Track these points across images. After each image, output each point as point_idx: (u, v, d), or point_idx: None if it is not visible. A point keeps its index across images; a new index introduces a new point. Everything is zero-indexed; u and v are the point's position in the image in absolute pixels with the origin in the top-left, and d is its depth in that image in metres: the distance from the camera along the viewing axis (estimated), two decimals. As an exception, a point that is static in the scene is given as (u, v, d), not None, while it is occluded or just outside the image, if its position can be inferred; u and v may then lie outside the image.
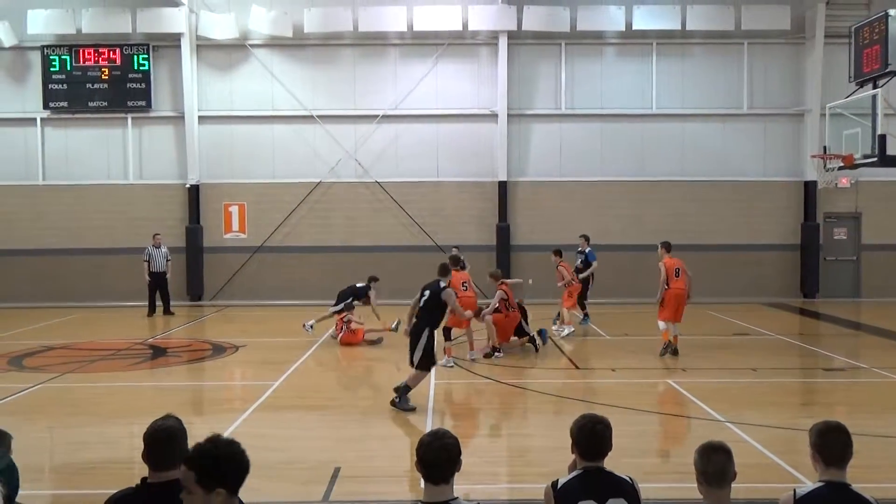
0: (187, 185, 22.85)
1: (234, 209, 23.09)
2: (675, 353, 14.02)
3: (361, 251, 22.77)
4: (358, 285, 16.92)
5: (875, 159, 15.17)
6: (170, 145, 23.13)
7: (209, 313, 21.15)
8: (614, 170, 23.07)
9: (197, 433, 10.29)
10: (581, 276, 17.74)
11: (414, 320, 10.58)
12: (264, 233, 22.91)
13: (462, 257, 16.24)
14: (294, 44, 22.75)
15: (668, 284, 14.46)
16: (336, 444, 8.89)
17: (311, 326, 16.41)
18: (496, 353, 14.07)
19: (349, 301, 16.30)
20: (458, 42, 22.86)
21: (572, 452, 4.10)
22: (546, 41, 22.89)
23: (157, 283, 20.58)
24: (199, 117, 22.87)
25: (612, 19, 22.50)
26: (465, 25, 22.42)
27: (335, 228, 23.05)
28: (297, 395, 11.34)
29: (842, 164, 16.13)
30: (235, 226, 23.11)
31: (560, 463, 4.68)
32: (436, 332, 10.61)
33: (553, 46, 22.99)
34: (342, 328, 15.88)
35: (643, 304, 20.91)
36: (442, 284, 10.66)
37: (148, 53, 22.67)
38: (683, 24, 22.45)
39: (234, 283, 22.96)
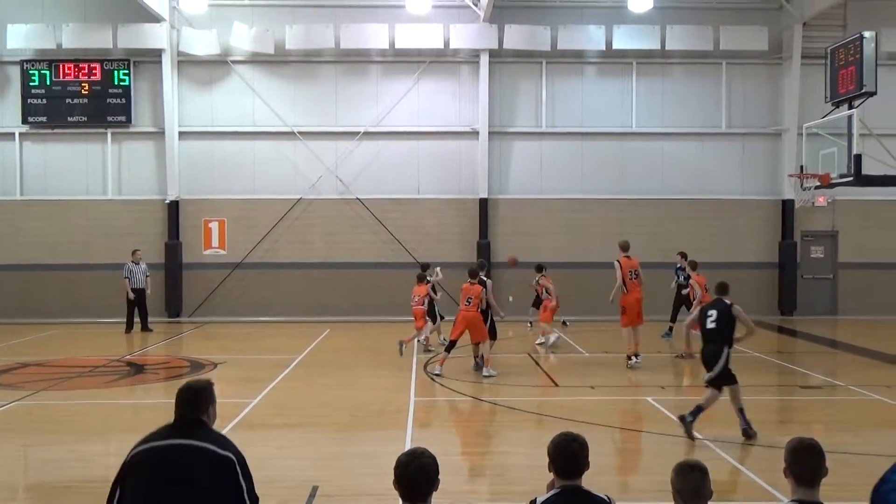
0: (167, 201, 22.74)
1: (214, 225, 23.01)
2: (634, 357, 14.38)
3: (342, 268, 22.76)
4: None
5: (851, 179, 15.37)
6: (150, 161, 23.04)
7: (188, 330, 21.01)
8: (594, 187, 23.20)
9: (174, 451, 10.03)
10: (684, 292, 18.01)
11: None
12: (244, 249, 22.83)
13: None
14: (276, 60, 22.78)
15: (625, 287, 14.60)
16: (314, 462, 8.84)
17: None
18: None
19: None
20: (439, 60, 22.98)
21: (549, 471, 4.10)
22: (527, 59, 23.05)
23: (137, 299, 20.42)
24: (180, 133, 22.81)
25: (592, 39, 22.71)
26: (446, 43, 22.54)
27: (315, 245, 23.01)
28: (276, 412, 11.27)
29: (818, 184, 16.33)
30: (215, 242, 23.01)
31: (539, 481, 4.68)
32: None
33: (534, 65, 23.16)
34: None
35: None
36: (728, 301, 10.06)
37: (128, 69, 22.61)
38: (663, 43, 22.70)
39: (214, 300, 22.83)
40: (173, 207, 22.76)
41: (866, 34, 15.47)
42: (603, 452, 9.18)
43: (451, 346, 14.15)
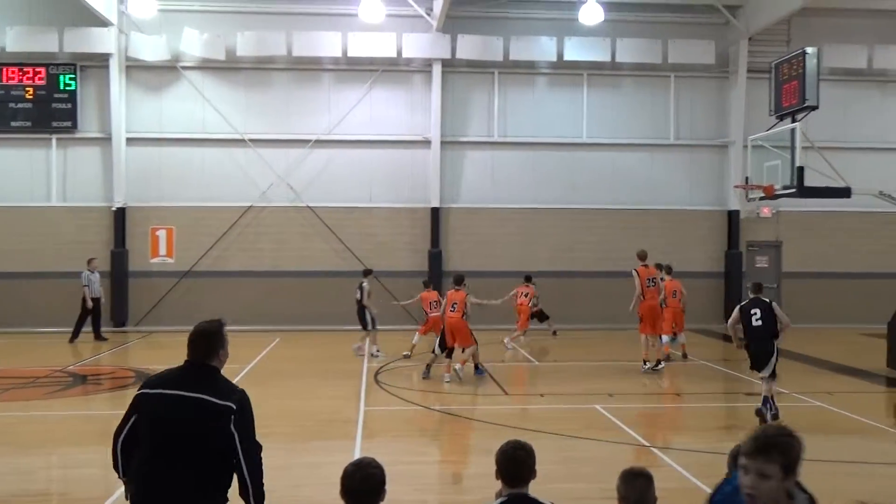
0: (113, 208, 22.34)
1: (162, 233, 22.66)
2: (666, 360, 15.24)
3: (292, 276, 22.59)
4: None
5: (794, 190, 15.70)
6: (96, 167, 22.62)
7: (133, 339, 20.64)
8: (546, 197, 23.38)
9: (117, 463, 9.82)
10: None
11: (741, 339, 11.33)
12: (192, 257, 22.52)
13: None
14: (227, 67, 22.57)
15: (643, 296, 14.85)
16: (266, 472, 8.71)
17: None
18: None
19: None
20: (392, 69, 22.98)
21: (496, 479, 4.11)
22: (480, 69, 23.18)
23: (94, 308, 20.07)
24: (127, 139, 22.44)
25: (544, 50, 22.93)
26: (399, 52, 22.56)
27: (265, 253, 22.79)
28: (224, 422, 11.09)
29: (763, 195, 16.65)
30: (163, 250, 22.66)
31: (488, 489, 4.68)
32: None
33: (486, 75, 23.29)
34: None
35: (575, 329, 21.19)
36: (767, 299, 11.22)
37: (75, 73, 22.19)
38: (613, 56, 23.01)
39: (161, 309, 22.46)
40: (120, 215, 22.37)
41: (809, 50, 15.85)
42: (550, 460, 9.23)
43: (449, 353, 14.36)
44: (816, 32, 22.84)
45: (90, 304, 19.98)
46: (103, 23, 21.62)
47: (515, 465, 4.06)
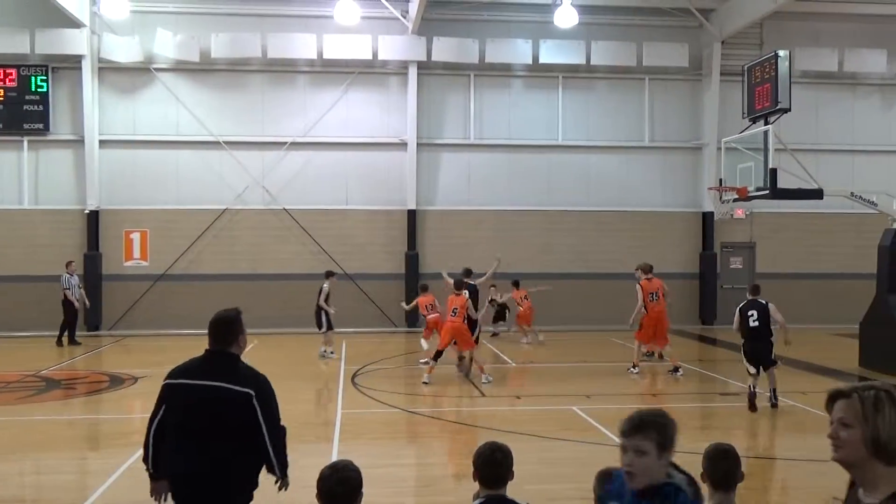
0: (86, 211, 22.11)
1: (136, 236, 22.46)
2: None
3: (268, 279, 22.47)
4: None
5: (767, 192, 15.86)
6: (68, 170, 22.37)
7: (107, 343, 20.42)
8: (522, 199, 23.44)
9: (91, 468, 9.94)
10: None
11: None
12: (167, 260, 22.34)
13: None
14: (201, 69, 22.42)
15: (645, 308, 14.91)
16: (239, 476, 8.66)
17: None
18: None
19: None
20: (368, 71, 22.95)
21: (474, 480, 4.11)
22: (455, 72, 23.20)
23: (75, 312, 19.92)
24: (100, 141, 22.22)
25: (519, 52, 23.00)
26: (374, 55, 22.53)
27: (241, 256, 22.66)
28: (200, 427, 11.01)
29: (737, 197, 16.81)
30: (137, 253, 22.46)
31: (466, 491, 4.69)
32: None
33: (462, 77, 23.32)
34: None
35: (552, 331, 21.25)
36: (763, 301, 12.10)
37: (47, 75, 21.94)
38: (588, 58, 23.12)
39: (135, 313, 22.25)
40: (93, 217, 22.14)
41: (781, 53, 16.04)
42: (527, 461, 9.25)
43: (437, 355, 14.39)
44: (788, 36, 23.12)
45: (77, 304, 19.83)
46: (75, 24, 21.40)
47: (493, 466, 4.07)
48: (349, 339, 19.81)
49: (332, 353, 17.23)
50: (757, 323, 11.96)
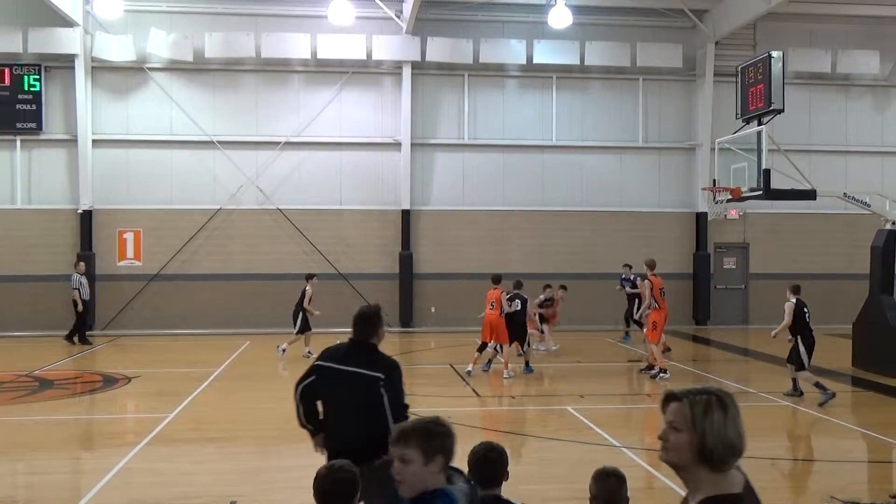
0: (79, 211, 22.04)
1: (129, 236, 22.40)
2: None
3: (262, 279, 22.43)
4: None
5: (760, 192, 15.90)
6: (61, 169, 22.30)
7: (101, 343, 20.35)
8: (516, 199, 23.46)
9: (85, 468, 9.92)
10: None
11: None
12: (161, 260, 22.28)
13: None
14: (194, 68, 22.37)
15: (657, 303, 14.89)
16: (234, 476, 8.67)
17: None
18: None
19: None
20: (362, 71, 22.93)
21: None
22: (449, 72, 23.20)
23: (84, 311, 20.02)
24: (94, 141, 22.15)
25: (513, 53, 23.01)
26: (369, 54, 22.52)
27: (235, 256, 22.61)
28: (193, 427, 11.01)
29: (730, 197, 16.85)
30: (130, 253, 22.40)
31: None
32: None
33: (456, 77, 23.32)
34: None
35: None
36: (795, 298, 12.78)
37: (39, 74, 21.87)
38: (582, 59, 23.13)
39: (128, 313, 22.19)
40: (86, 217, 22.07)
41: (774, 54, 16.08)
42: (522, 461, 9.27)
43: (482, 346, 15.15)
44: (782, 37, 23.18)
45: (81, 307, 19.86)
46: (68, 23, 21.33)
47: (487, 466, 4.08)
48: (343, 339, 19.77)
49: (309, 352, 17.13)
50: (809, 320, 12.78)
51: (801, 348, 12.57)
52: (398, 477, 2.99)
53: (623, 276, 19.62)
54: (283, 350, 17.39)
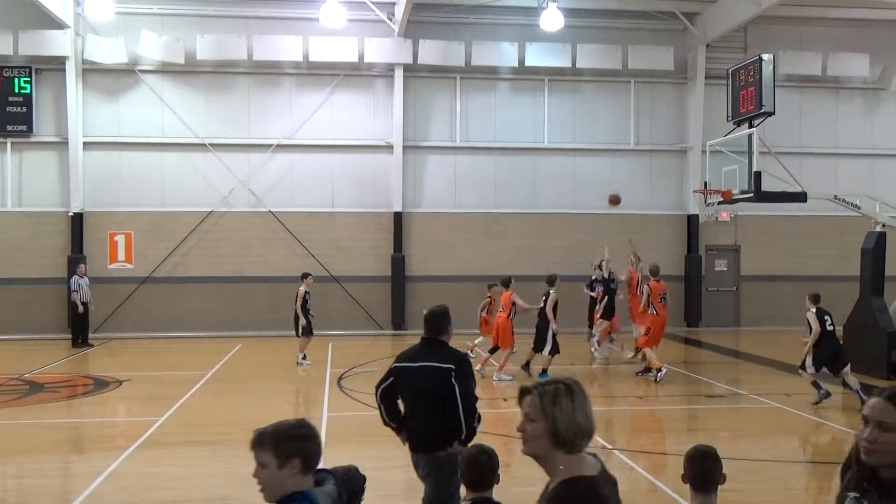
0: (70, 213, 21.96)
1: (120, 238, 22.33)
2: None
3: (254, 282, 22.41)
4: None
5: (751, 195, 15.94)
6: (52, 172, 22.22)
7: (92, 346, 20.28)
8: (508, 202, 23.48)
9: (75, 472, 9.87)
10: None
11: None
12: (152, 263, 22.22)
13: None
14: (186, 70, 22.33)
15: (655, 310, 14.88)
16: (226, 480, 8.65)
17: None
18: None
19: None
20: (354, 73, 22.92)
21: (462, 483, 4.12)
22: (441, 74, 23.21)
23: (85, 313, 20.01)
24: (85, 143, 22.09)
25: (505, 55, 23.04)
26: (361, 57, 22.51)
27: (227, 259, 22.56)
28: (185, 430, 10.98)
29: (721, 199, 16.89)
30: (121, 256, 22.33)
31: (450, 494, 4.70)
32: None
33: (448, 80, 23.33)
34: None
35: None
36: (815, 308, 12.74)
37: (30, 76, 21.80)
38: (574, 61, 23.17)
39: (119, 316, 22.12)
40: (77, 220, 21.99)
41: (765, 56, 16.13)
42: (514, 464, 9.27)
43: (493, 350, 15.34)
44: (772, 40, 23.26)
45: (81, 308, 19.88)
46: (59, 25, 21.26)
47: (478, 470, 4.08)
48: (335, 342, 19.79)
49: (303, 356, 16.92)
50: (832, 327, 12.61)
51: (812, 355, 12.48)
52: (257, 482, 2.97)
53: (594, 277, 19.58)
54: (304, 357, 16.89)
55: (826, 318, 12.61)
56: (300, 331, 16.90)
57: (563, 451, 2.73)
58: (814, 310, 12.64)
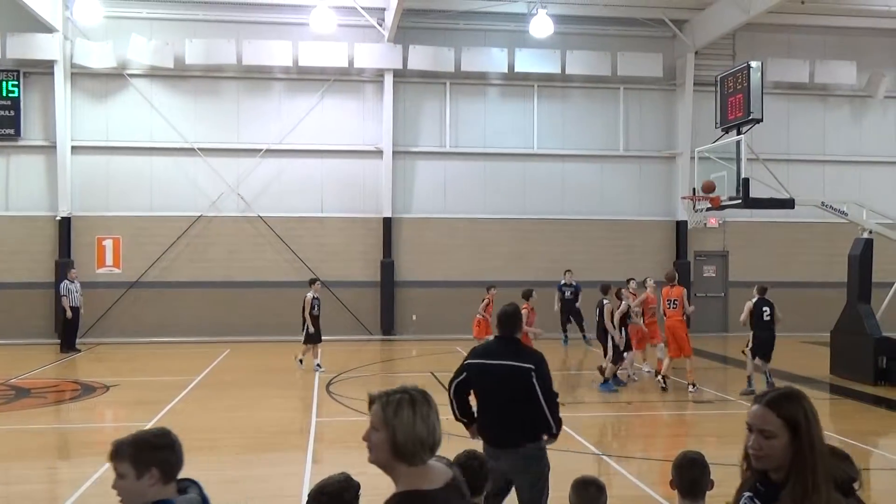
0: (58, 218, 21.85)
1: (108, 243, 22.22)
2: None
3: (243, 287, 22.34)
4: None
5: (739, 201, 16.00)
6: (40, 176, 22.11)
7: (79, 351, 20.16)
8: (497, 207, 23.50)
9: (61, 478, 9.80)
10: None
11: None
12: (140, 268, 22.13)
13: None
14: (175, 75, 22.27)
15: (664, 315, 14.92)
16: (211, 486, 8.53)
17: None
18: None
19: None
20: (343, 78, 22.92)
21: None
22: (431, 80, 23.24)
23: (74, 318, 19.89)
24: (73, 147, 21.99)
25: (494, 61, 23.09)
26: (350, 62, 22.52)
27: (215, 263, 22.49)
28: (172, 436, 10.90)
29: (710, 206, 16.94)
30: (109, 260, 22.22)
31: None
32: None
33: (438, 85, 23.36)
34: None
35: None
36: (770, 299, 14.18)
37: (18, 80, 21.71)
38: (563, 67, 23.25)
39: (107, 320, 22.01)
40: (65, 224, 21.89)
41: (753, 64, 16.21)
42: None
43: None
44: (760, 47, 23.42)
45: (69, 313, 19.75)
46: (48, 29, 21.19)
47: (468, 474, 4.07)
48: (324, 347, 19.71)
49: (300, 360, 16.74)
50: (769, 317, 14.11)
51: (750, 344, 14.26)
52: (116, 493, 2.95)
53: (563, 282, 19.69)
54: (319, 365, 16.45)
55: (765, 308, 14.09)
56: (304, 337, 16.50)
57: (405, 463, 2.72)
58: (755, 299, 14.21)
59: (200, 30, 22.19)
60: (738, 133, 16.33)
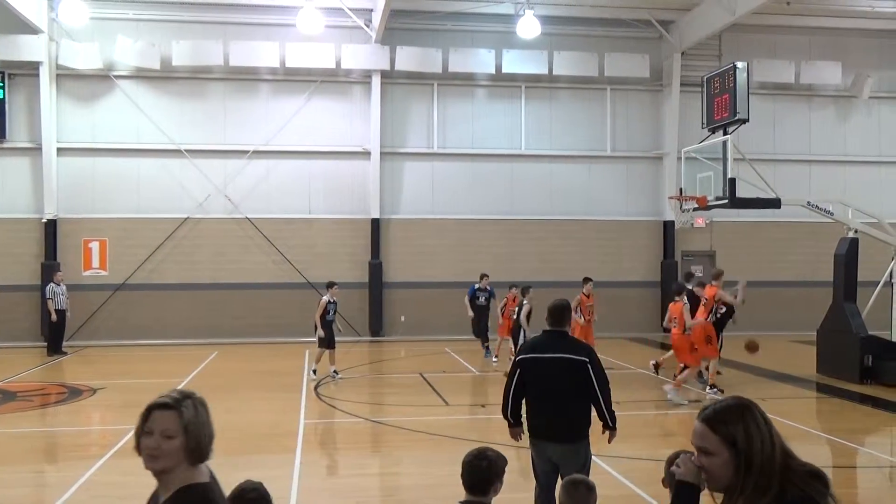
0: (44, 220, 21.73)
1: (95, 245, 22.11)
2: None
3: (231, 288, 22.26)
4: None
5: (726, 201, 16.08)
6: (25, 178, 21.98)
7: (66, 354, 20.05)
8: (485, 208, 23.52)
9: (48, 481, 9.76)
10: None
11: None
12: (127, 270, 22.02)
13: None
14: (162, 76, 22.19)
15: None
16: (200, 489, 8.55)
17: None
18: None
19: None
20: (331, 79, 22.89)
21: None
22: (419, 81, 23.24)
23: (59, 321, 19.79)
24: (58, 149, 21.86)
25: (482, 62, 23.11)
26: (338, 63, 22.49)
27: (203, 265, 22.41)
28: (160, 438, 10.85)
29: (697, 206, 17.01)
30: (95, 262, 22.11)
31: (433, 500, 4.68)
32: None
33: (426, 86, 23.36)
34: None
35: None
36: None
37: (3, 81, 21.57)
38: (550, 68, 23.29)
39: (94, 323, 21.90)
40: (51, 226, 21.76)
41: (739, 64, 16.29)
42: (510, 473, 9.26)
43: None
44: (746, 47, 23.54)
45: (54, 316, 19.67)
46: (33, 30, 21.05)
47: (472, 473, 4.08)
48: (312, 349, 19.67)
49: (313, 370, 15.87)
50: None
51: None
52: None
53: (477, 286, 18.93)
54: (336, 371, 15.85)
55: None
56: (318, 341, 15.83)
57: (190, 464, 2.90)
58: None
59: (187, 31, 22.10)
60: (725, 133, 16.39)
